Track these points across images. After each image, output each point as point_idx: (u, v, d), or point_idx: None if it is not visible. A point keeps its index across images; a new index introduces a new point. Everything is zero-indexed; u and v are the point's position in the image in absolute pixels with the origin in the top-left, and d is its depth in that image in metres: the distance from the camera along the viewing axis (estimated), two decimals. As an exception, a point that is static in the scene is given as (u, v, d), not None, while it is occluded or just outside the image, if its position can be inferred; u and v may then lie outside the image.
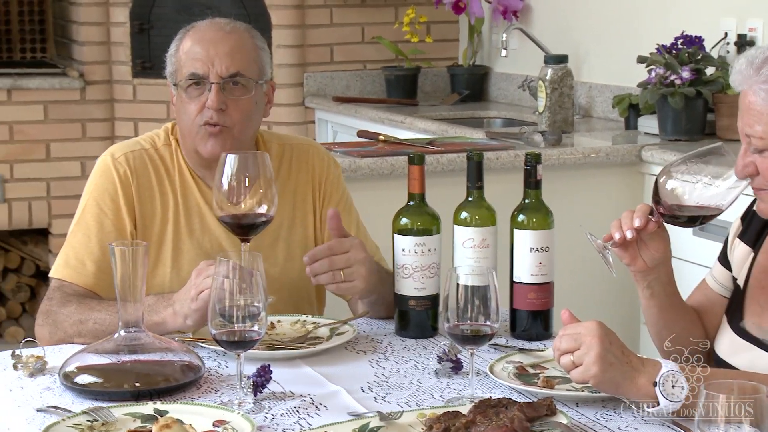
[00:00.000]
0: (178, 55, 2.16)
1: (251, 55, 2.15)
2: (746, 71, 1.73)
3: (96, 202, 2.16)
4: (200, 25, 2.18)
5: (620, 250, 1.84)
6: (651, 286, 1.87)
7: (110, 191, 2.16)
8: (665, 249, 1.84)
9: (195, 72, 2.12)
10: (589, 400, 1.71)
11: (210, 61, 2.11)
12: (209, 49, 2.12)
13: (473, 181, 2.04)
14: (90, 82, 4.92)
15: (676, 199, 1.78)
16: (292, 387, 1.79)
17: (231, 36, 2.15)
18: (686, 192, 1.78)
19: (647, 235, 1.82)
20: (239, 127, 2.13)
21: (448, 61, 5.04)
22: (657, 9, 3.96)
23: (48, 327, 2.06)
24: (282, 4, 4.83)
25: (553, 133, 3.63)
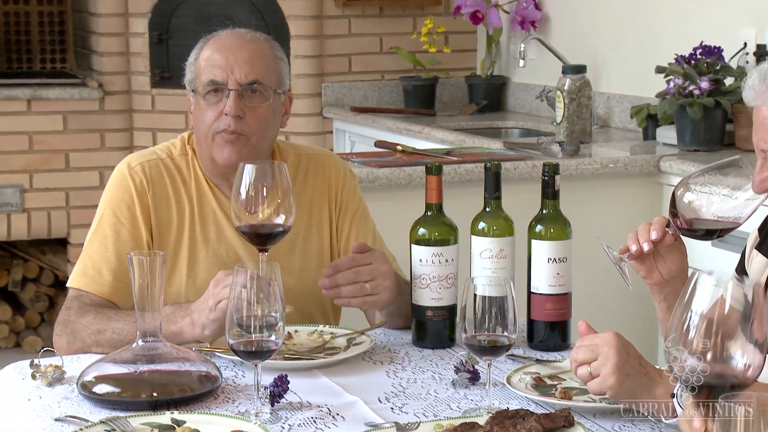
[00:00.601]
0: (198, 63, 2.17)
1: (270, 64, 2.16)
2: (759, 87, 1.72)
3: (112, 211, 2.17)
4: (221, 34, 2.19)
5: (636, 263, 1.83)
6: (668, 299, 1.86)
7: (126, 201, 2.16)
8: (682, 261, 1.84)
9: (214, 79, 2.13)
10: (607, 412, 1.70)
11: (229, 68, 2.12)
12: (228, 57, 2.13)
13: (491, 191, 2.04)
14: (109, 92, 4.94)
15: (694, 212, 1.78)
16: (309, 397, 1.79)
17: (251, 44, 2.16)
18: (704, 205, 1.77)
19: (664, 247, 1.81)
20: (257, 136, 2.14)
21: (466, 72, 5.04)
22: (676, 19, 3.96)
23: (66, 337, 2.07)
24: (300, 14, 4.85)
25: (571, 143, 3.62)
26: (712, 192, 1.77)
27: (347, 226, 2.26)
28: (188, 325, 1.98)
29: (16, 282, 5.07)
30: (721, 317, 1.33)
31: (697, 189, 1.78)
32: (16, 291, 5.09)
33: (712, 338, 1.33)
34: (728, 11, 3.74)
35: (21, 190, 4.88)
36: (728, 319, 1.35)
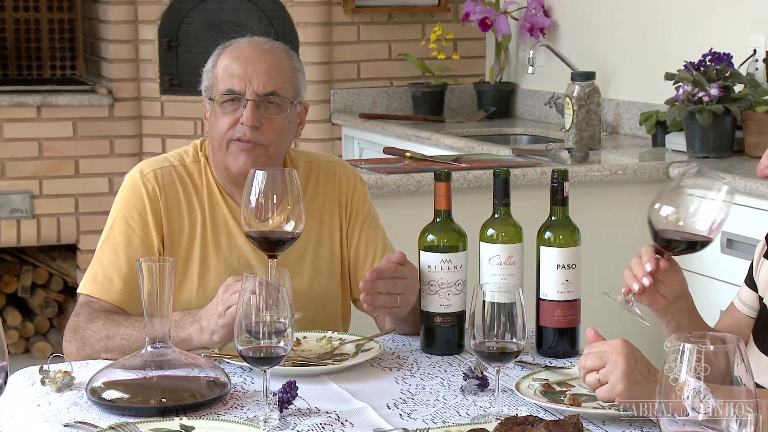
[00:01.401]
0: (216, 71, 2.17)
1: (288, 75, 2.16)
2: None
3: (124, 218, 2.17)
4: (239, 43, 2.19)
5: (639, 296, 1.84)
6: (675, 318, 1.87)
7: (138, 207, 2.17)
8: (681, 281, 1.85)
9: (232, 88, 2.13)
10: (616, 418, 1.70)
11: (247, 79, 2.12)
12: (247, 67, 2.13)
13: (500, 197, 2.04)
14: (118, 99, 4.96)
15: (669, 235, 1.78)
16: (318, 403, 1.79)
17: (269, 55, 2.16)
18: (681, 217, 1.78)
19: (660, 274, 1.82)
20: (273, 146, 2.14)
21: (475, 78, 5.04)
22: (685, 26, 3.95)
23: (75, 343, 2.08)
24: (309, 21, 4.86)
25: (580, 149, 3.62)
26: (674, 210, 1.78)
27: (357, 233, 2.26)
28: (197, 331, 1.98)
29: (26, 288, 5.09)
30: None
31: (667, 204, 1.79)
32: (25, 297, 5.10)
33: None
34: (738, 18, 3.74)
35: (31, 196, 4.89)
36: None
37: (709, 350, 1.32)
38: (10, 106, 4.83)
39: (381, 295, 2.00)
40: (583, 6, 4.49)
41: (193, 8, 4.94)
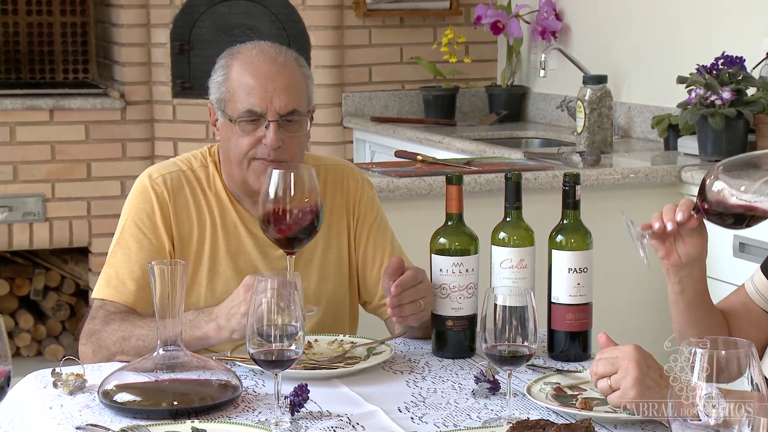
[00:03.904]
0: (230, 85, 2.14)
1: (303, 88, 2.15)
2: None
3: (134, 222, 2.18)
4: (249, 54, 2.14)
5: (657, 242, 1.82)
6: (682, 282, 1.86)
7: (148, 211, 2.17)
8: (702, 246, 1.83)
9: (252, 109, 2.11)
10: (628, 422, 1.70)
11: (268, 99, 2.10)
12: (266, 86, 2.10)
13: (511, 201, 2.04)
14: (131, 102, 4.97)
15: (723, 199, 1.75)
16: (329, 406, 1.79)
17: (285, 70, 2.13)
18: (734, 193, 1.75)
19: (686, 230, 1.80)
20: (296, 160, 2.15)
21: (487, 82, 5.04)
22: (697, 29, 3.94)
23: (91, 346, 2.08)
24: (321, 24, 4.86)
25: (591, 153, 3.61)
26: (743, 181, 1.75)
27: (365, 236, 2.26)
28: (214, 329, 1.98)
29: (38, 291, 5.10)
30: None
31: (727, 177, 1.76)
32: (37, 300, 5.11)
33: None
34: (750, 21, 3.73)
35: (43, 199, 4.91)
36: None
37: (721, 355, 1.32)
38: (23, 110, 4.85)
39: (407, 305, 2.00)
40: (594, 9, 4.48)
41: (205, 12, 4.95)
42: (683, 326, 1.89)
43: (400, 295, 1.98)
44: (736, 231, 3.12)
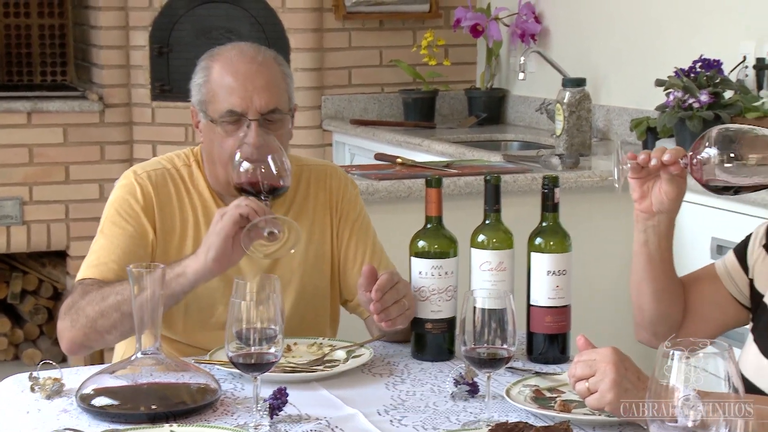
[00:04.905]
0: (210, 86, 2.15)
1: (282, 87, 2.16)
2: None
3: (117, 211, 2.18)
4: (229, 55, 2.16)
5: (636, 182, 1.83)
6: (647, 231, 1.87)
7: (131, 202, 2.18)
8: (675, 199, 1.83)
9: (233, 109, 2.11)
10: (606, 424, 1.70)
11: (248, 98, 2.11)
12: (246, 85, 2.11)
13: (491, 204, 2.04)
14: (109, 105, 4.95)
15: (708, 167, 1.75)
16: (309, 410, 1.79)
17: (264, 69, 2.14)
18: (718, 168, 1.74)
19: (666, 176, 1.81)
20: None
21: (466, 84, 5.05)
22: (675, 32, 3.96)
23: (69, 317, 2.06)
24: (300, 27, 4.86)
25: (570, 156, 3.62)
26: (730, 158, 1.75)
27: (347, 235, 2.27)
28: (191, 259, 2.01)
29: (15, 294, 5.07)
30: None
31: (718, 148, 1.75)
32: (15, 303, 5.09)
33: None
34: (728, 25, 3.75)
35: (21, 202, 4.88)
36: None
37: (699, 356, 1.33)
38: (0, 112, 4.82)
39: (391, 307, 2.00)
40: (574, 12, 4.50)
41: (184, 14, 4.94)
42: (640, 281, 1.90)
43: (383, 299, 1.98)
44: (713, 232, 3.13)
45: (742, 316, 1.92)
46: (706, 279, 1.95)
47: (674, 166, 1.79)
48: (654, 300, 1.90)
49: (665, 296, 1.90)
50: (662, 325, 1.92)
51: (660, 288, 1.89)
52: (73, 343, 2.08)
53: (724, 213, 3.13)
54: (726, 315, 1.93)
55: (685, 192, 1.84)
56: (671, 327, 1.92)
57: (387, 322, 2.00)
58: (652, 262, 1.88)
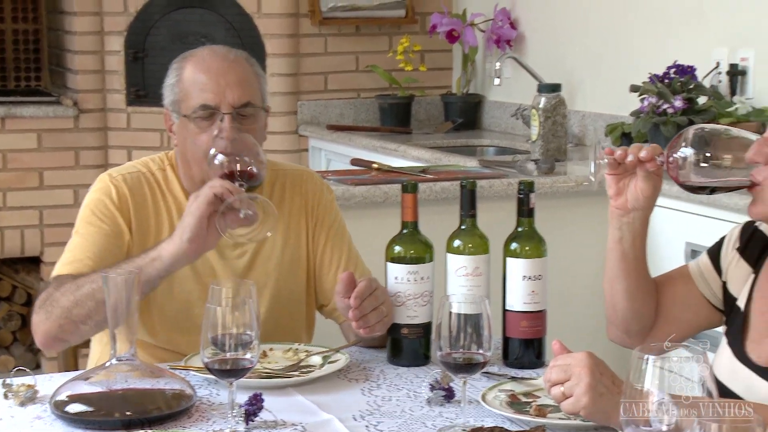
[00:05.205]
0: (182, 85, 2.16)
1: (255, 84, 2.18)
2: None
3: (92, 211, 2.18)
4: (201, 54, 2.18)
5: (611, 178, 1.84)
6: (621, 229, 1.88)
7: (106, 202, 2.18)
8: (651, 195, 1.84)
9: (206, 103, 2.12)
10: (582, 429, 1.71)
11: (221, 92, 2.12)
12: (219, 80, 2.13)
13: (466, 209, 2.04)
14: (84, 110, 4.93)
15: (684, 168, 1.76)
16: (284, 415, 1.79)
17: (236, 65, 2.16)
18: (693, 170, 1.75)
19: (642, 174, 1.82)
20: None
21: (442, 90, 5.06)
22: (650, 39, 3.99)
23: (44, 310, 2.05)
24: (276, 33, 4.86)
25: (546, 161, 3.64)
26: (706, 159, 1.76)
27: (323, 240, 2.27)
28: (166, 242, 2.01)
29: (-11, 301, 5.04)
30: None
31: (695, 149, 1.76)
32: (-11, 310, 5.06)
33: None
34: (701, 31, 3.77)
35: (-5, 208, 4.85)
36: None
37: (673, 360, 1.33)
38: (-26, 118, 4.79)
39: (370, 314, 2.00)
40: (549, 18, 4.51)
41: (159, 19, 4.92)
42: (613, 278, 1.91)
43: (361, 306, 1.98)
44: (688, 237, 3.15)
45: (714, 317, 1.94)
46: (679, 279, 1.96)
47: (650, 163, 1.80)
48: (626, 298, 1.91)
49: (638, 294, 1.91)
50: (634, 324, 1.93)
51: (633, 286, 1.90)
52: (48, 336, 2.06)
53: (698, 218, 3.14)
54: (698, 316, 1.94)
55: (660, 190, 1.85)
56: (643, 326, 1.93)
57: (366, 329, 2.00)
58: (625, 260, 1.89)
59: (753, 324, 1.84)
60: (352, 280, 2.00)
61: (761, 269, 1.86)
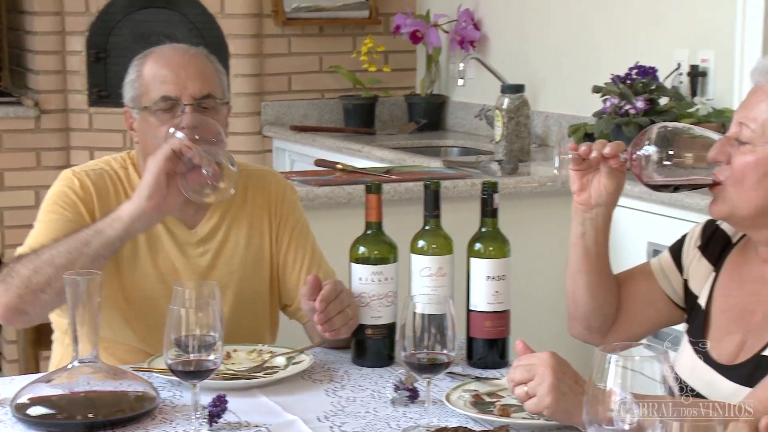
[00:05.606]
0: (143, 80, 2.16)
1: (216, 78, 2.19)
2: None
3: (55, 202, 2.17)
4: (161, 50, 2.20)
5: (575, 174, 1.85)
6: (584, 224, 1.89)
7: (69, 194, 2.17)
8: (614, 191, 1.86)
9: (167, 95, 2.13)
10: (545, 428, 1.71)
11: (182, 84, 2.13)
12: (179, 72, 2.14)
13: (430, 209, 2.05)
14: (45, 111, 4.89)
15: (647, 166, 1.77)
16: (248, 417, 1.78)
17: (197, 59, 2.18)
18: (656, 168, 1.77)
19: (606, 169, 1.83)
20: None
21: (406, 90, 5.06)
22: (612, 40, 4.01)
23: (4, 284, 2.03)
24: (240, 33, 4.84)
25: (509, 161, 3.65)
26: (669, 158, 1.77)
27: (287, 239, 2.26)
28: (126, 203, 2.01)
29: (-50, 303, 4.98)
30: None
31: (658, 147, 1.77)
32: (-51, 312, 5.00)
33: None
34: (662, 33, 3.80)
35: (-46, 209, 4.80)
36: None
37: (635, 359, 1.34)
38: (-66, 118, 4.74)
39: (335, 317, 2.00)
40: (512, 19, 4.53)
41: (122, 19, 4.89)
42: (575, 273, 1.92)
43: (327, 310, 1.98)
44: (650, 237, 3.18)
45: (675, 314, 1.95)
46: (641, 276, 1.97)
47: (614, 159, 1.81)
48: (588, 293, 1.92)
49: (599, 290, 1.92)
50: (595, 320, 1.94)
51: (595, 282, 1.91)
52: (8, 309, 2.04)
53: (659, 218, 3.17)
54: (659, 313, 1.96)
55: (624, 186, 1.87)
56: (604, 322, 1.94)
57: (331, 333, 2.00)
58: (588, 255, 1.90)
59: (714, 322, 1.85)
60: (318, 283, 2.00)
61: (722, 267, 1.88)
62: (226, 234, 2.22)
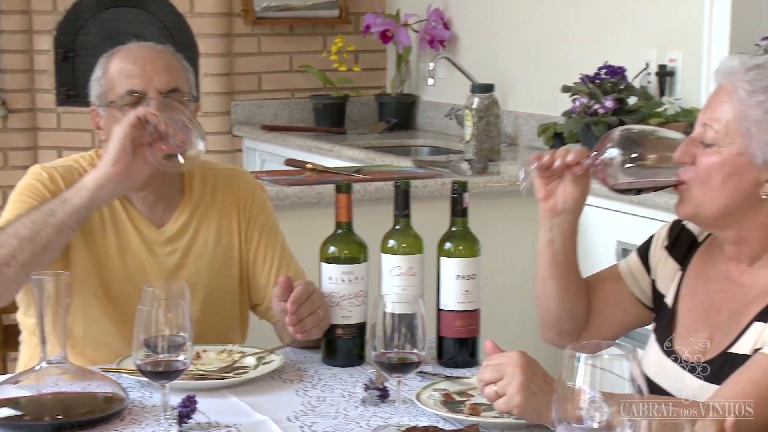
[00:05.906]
0: (109, 76, 2.16)
1: (183, 74, 2.20)
2: (737, 67, 1.74)
3: (23, 193, 2.16)
4: (127, 47, 2.20)
5: (541, 181, 1.86)
6: (552, 230, 1.90)
7: (38, 186, 2.16)
8: (579, 197, 1.87)
9: (133, 89, 2.13)
10: (515, 427, 1.72)
11: (148, 78, 2.12)
12: (145, 66, 2.14)
13: (400, 209, 2.05)
14: (12, 110, 4.85)
15: (611, 169, 1.79)
16: (218, 417, 1.78)
17: (163, 54, 2.18)
18: (620, 170, 1.78)
19: (570, 176, 1.84)
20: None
21: (376, 90, 5.06)
22: (581, 40, 4.03)
23: None
24: (209, 32, 4.82)
25: (479, 161, 3.66)
26: (633, 159, 1.78)
27: (256, 238, 2.26)
28: (92, 171, 2.01)
29: None
30: None
31: (621, 149, 1.78)
32: None
33: None
34: (631, 33, 3.83)
35: None
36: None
37: (604, 358, 1.35)
38: None
39: (306, 319, 1.99)
40: (482, 19, 4.54)
41: (90, 18, 4.86)
42: (545, 279, 1.93)
43: (298, 311, 1.98)
44: (618, 236, 3.19)
45: (644, 316, 1.96)
46: (610, 279, 1.98)
47: (577, 166, 1.82)
48: (558, 298, 1.93)
49: (569, 295, 1.93)
50: (566, 324, 1.95)
51: (564, 287, 1.92)
52: None
53: (628, 217, 3.19)
54: (629, 315, 1.97)
55: (589, 191, 1.88)
56: (575, 326, 1.95)
57: (302, 334, 2.00)
58: (556, 261, 1.91)
59: (680, 320, 1.87)
60: (290, 284, 2.00)
61: (688, 266, 1.89)
62: (194, 233, 2.21)
